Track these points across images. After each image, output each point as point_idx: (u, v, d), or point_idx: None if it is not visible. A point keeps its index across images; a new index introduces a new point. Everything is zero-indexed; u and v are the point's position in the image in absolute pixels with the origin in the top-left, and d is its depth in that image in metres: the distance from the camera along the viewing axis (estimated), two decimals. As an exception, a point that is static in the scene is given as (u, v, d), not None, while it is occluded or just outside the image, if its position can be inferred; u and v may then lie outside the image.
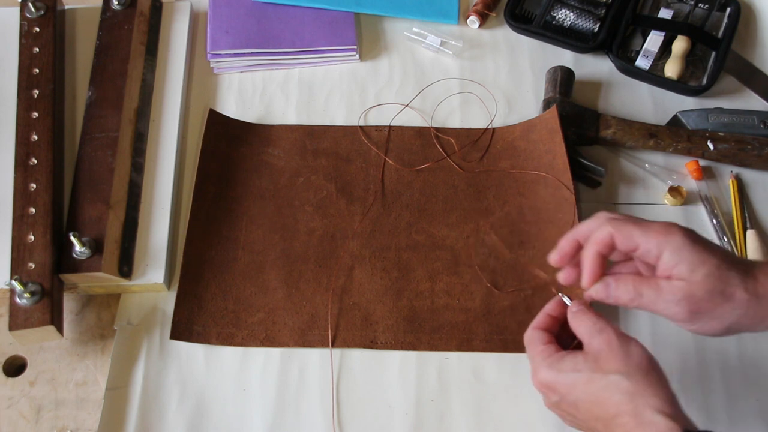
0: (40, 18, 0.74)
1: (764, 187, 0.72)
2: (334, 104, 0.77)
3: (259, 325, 0.64)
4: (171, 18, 0.80)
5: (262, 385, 0.62)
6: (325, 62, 0.80)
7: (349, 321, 0.64)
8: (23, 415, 0.61)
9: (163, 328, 0.64)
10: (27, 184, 0.65)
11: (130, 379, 0.62)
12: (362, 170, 0.72)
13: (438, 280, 0.66)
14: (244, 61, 0.79)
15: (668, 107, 0.77)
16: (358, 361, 0.63)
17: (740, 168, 0.72)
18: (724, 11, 0.81)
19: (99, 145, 0.68)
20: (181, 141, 0.74)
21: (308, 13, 0.81)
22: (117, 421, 0.60)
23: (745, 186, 0.72)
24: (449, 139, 0.74)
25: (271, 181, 0.72)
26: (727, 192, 0.71)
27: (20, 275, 0.60)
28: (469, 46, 0.82)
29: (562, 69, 0.76)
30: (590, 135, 0.72)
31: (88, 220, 0.64)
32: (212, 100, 0.78)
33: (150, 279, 0.65)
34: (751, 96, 0.78)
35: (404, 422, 0.60)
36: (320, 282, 0.66)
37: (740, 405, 0.61)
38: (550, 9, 0.82)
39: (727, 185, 0.71)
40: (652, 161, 0.73)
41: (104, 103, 0.70)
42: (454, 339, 0.63)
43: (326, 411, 0.61)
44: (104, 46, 0.74)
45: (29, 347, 0.64)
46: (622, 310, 0.65)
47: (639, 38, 0.81)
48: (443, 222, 0.69)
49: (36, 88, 0.70)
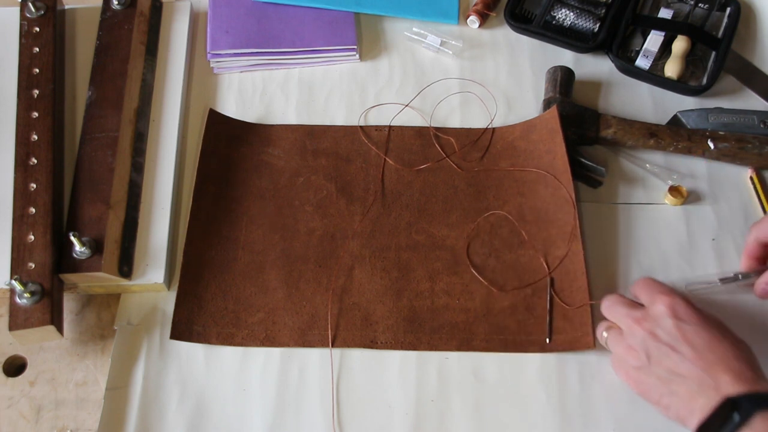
0: (40, 18, 0.74)
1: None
2: (334, 104, 0.77)
3: (259, 325, 0.64)
4: (171, 18, 0.80)
5: (262, 385, 0.62)
6: (325, 62, 0.80)
7: (349, 321, 0.64)
8: (23, 415, 0.61)
9: (163, 328, 0.64)
10: (27, 184, 0.65)
11: (130, 379, 0.62)
12: (362, 170, 0.72)
13: (438, 280, 0.66)
14: (244, 61, 0.79)
15: (668, 107, 0.77)
16: (358, 361, 0.63)
17: (740, 167, 0.72)
18: (724, 11, 0.81)
19: (99, 145, 0.68)
20: (181, 141, 0.74)
21: (308, 13, 0.81)
22: (117, 421, 0.60)
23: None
24: (449, 139, 0.74)
25: (271, 181, 0.72)
26: (728, 192, 0.71)
27: (20, 275, 0.60)
28: (469, 46, 0.82)
29: (562, 69, 0.76)
30: (590, 135, 0.72)
31: (88, 220, 0.64)
32: (212, 100, 0.78)
33: (150, 279, 0.65)
34: (751, 96, 0.78)
35: (404, 422, 0.60)
36: (320, 282, 0.66)
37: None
38: (550, 9, 0.82)
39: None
40: (652, 161, 0.73)
41: (104, 103, 0.70)
42: (454, 339, 0.63)
43: (326, 411, 0.61)
44: (104, 46, 0.74)
45: (29, 347, 0.64)
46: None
47: (639, 38, 0.81)
48: (443, 222, 0.69)
49: (36, 88, 0.70)
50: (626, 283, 0.66)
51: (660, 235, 0.69)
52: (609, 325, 0.60)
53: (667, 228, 0.69)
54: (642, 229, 0.69)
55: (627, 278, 0.66)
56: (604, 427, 0.59)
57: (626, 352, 0.56)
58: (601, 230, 0.69)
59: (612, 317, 0.59)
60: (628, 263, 0.67)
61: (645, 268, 0.67)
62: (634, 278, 0.66)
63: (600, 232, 0.69)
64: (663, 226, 0.69)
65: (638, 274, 0.67)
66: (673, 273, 0.67)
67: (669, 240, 0.69)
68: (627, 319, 0.57)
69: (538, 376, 0.62)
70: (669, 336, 0.53)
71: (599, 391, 0.61)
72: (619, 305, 0.59)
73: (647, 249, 0.68)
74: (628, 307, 0.58)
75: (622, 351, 0.57)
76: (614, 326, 0.59)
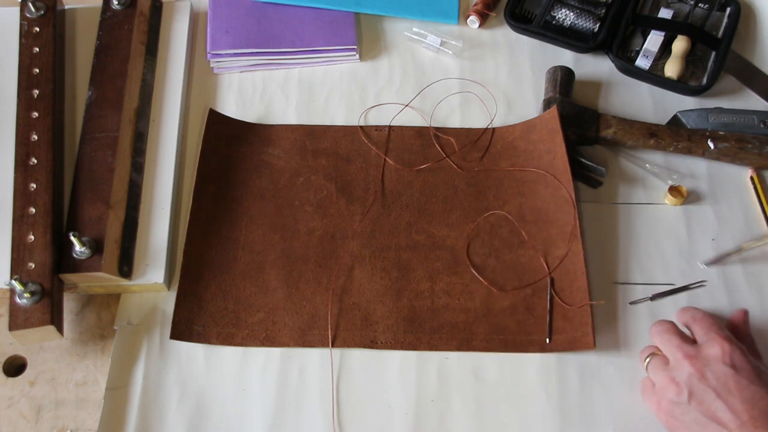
0: (40, 18, 0.74)
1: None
2: (334, 104, 0.77)
3: (259, 325, 0.64)
4: (171, 18, 0.80)
5: (262, 385, 0.62)
6: (325, 62, 0.80)
7: (349, 321, 0.64)
8: (23, 415, 0.61)
9: (163, 328, 0.64)
10: (27, 184, 0.65)
11: (130, 379, 0.62)
12: (362, 170, 0.72)
13: (438, 280, 0.66)
14: (244, 61, 0.79)
15: (668, 107, 0.77)
16: (358, 361, 0.63)
17: (740, 167, 0.72)
18: (724, 11, 0.81)
19: (99, 145, 0.68)
20: (181, 141, 0.74)
21: (308, 13, 0.81)
22: (117, 421, 0.60)
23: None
24: (449, 139, 0.74)
25: (271, 181, 0.72)
26: (728, 192, 0.71)
27: (20, 275, 0.60)
28: (469, 46, 0.82)
29: (562, 69, 0.76)
30: (590, 135, 0.72)
31: (88, 220, 0.64)
32: (212, 100, 0.78)
33: (150, 279, 0.65)
34: (751, 96, 0.78)
35: (404, 422, 0.60)
36: (320, 282, 0.66)
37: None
38: (550, 9, 0.82)
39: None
40: (652, 161, 0.73)
41: (104, 103, 0.70)
42: (454, 339, 0.63)
43: (326, 411, 0.61)
44: (104, 46, 0.74)
45: (29, 347, 0.64)
46: (621, 313, 0.65)
47: (639, 38, 0.81)
48: (443, 222, 0.69)
49: (36, 88, 0.70)
50: (627, 283, 0.66)
51: (660, 235, 0.69)
52: (654, 351, 0.59)
53: (667, 228, 0.69)
54: (642, 229, 0.69)
55: (627, 278, 0.66)
56: (604, 427, 0.59)
57: (668, 384, 0.55)
58: (601, 230, 0.69)
59: (661, 345, 0.58)
60: (628, 263, 0.67)
61: (645, 268, 0.67)
62: (635, 278, 0.66)
63: (600, 232, 0.69)
64: (663, 226, 0.69)
65: (638, 274, 0.67)
66: (673, 273, 0.67)
67: (669, 240, 0.69)
68: (678, 351, 0.55)
69: (538, 376, 0.62)
70: (718, 382, 0.52)
71: (599, 391, 0.61)
72: (671, 334, 0.57)
73: (647, 249, 0.68)
74: (681, 339, 0.56)
75: (663, 381, 0.55)
76: (659, 353, 0.58)
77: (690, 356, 0.54)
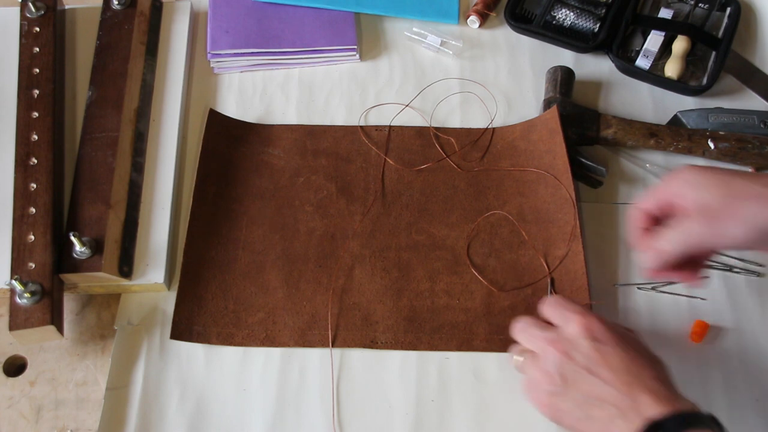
0: (40, 18, 0.74)
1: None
2: (334, 104, 0.77)
3: (259, 325, 0.64)
4: (171, 18, 0.80)
5: (262, 385, 0.62)
6: (325, 62, 0.80)
7: (349, 321, 0.64)
8: (23, 415, 0.61)
9: (163, 328, 0.64)
10: (27, 184, 0.65)
11: (130, 379, 0.62)
12: (362, 170, 0.72)
13: (438, 280, 0.66)
14: (244, 61, 0.79)
15: (668, 107, 0.77)
16: (358, 361, 0.63)
17: (740, 167, 0.72)
18: (724, 11, 0.81)
19: (99, 145, 0.68)
20: (181, 141, 0.74)
21: (308, 13, 0.81)
22: (117, 421, 0.60)
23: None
24: (449, 139, 0.74)
25: (271, 181, 0.72)
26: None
27: (20, 275, 0.60)
28: (469, 46, 0.82)
29: (562, 69, 0.76)
30: (591, 135, 0.72)
31: (88, 220, 0.64)
32: (212, 100, 0.78)
33: (150, 279, 0.65)
34: (751, 96, 0.78)
35: (404, 422, 0.60)
36: (320, 282, 0.66)
37: (740, 405, 0.61)
38: (550, 9, 0.82)
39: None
40: (652, 161, 0.73)
41: (104, 103, 0.70)
42: (455, 339, 0.63)
43: (326, 411, 0.61)
44: (104, 46, 0.74)
45: (29, 347, 0.64)
46: (621, 313, 0.65)
47: (639, 38, 0.81)
48: (443, 222, 0.69)
49: (36, 88, 0.70)
50: (627, 284, 0.66)
51: (660, 235, 0.69)
52: (522, 349, 0.56)
53: (667, 228, 0.69)
54: (642, 229, 0.69)
55: (627, 278, 0.66)
56: (604, 427, 0.59)
57: (541, 377, 0.53)
58: (601, 230, 0.69)
59: (524, 341, 0.56)
60: (628, 263, 0.67)
61: (645, 268, 0.67)
62: (634, 278, 0.66)
63: (600, 232, 0.69)
64: (663, 226, 0.69)
65: (638, 274, 0.67)
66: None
67: (669, 240, 0.69)
68: (540, 341, 0.54)
69: (538, 376, 0.62)
70: (585, 358, 0.51)
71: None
72: (531, 327, 0.55)
73: (647, 249, 0.68)
74: (541, 328, 0.55)
75: (536, 375, 0.53)
76: (528, 351, 0.56)
77: (552, 341, 0.53)
